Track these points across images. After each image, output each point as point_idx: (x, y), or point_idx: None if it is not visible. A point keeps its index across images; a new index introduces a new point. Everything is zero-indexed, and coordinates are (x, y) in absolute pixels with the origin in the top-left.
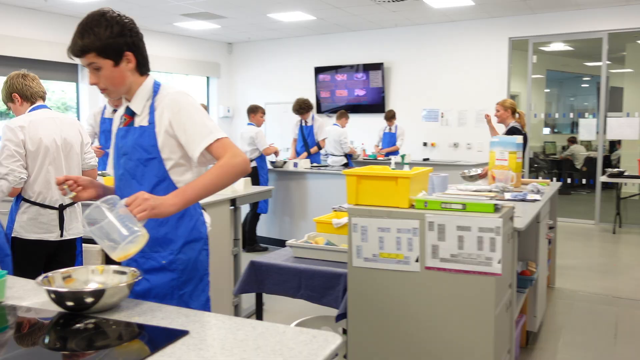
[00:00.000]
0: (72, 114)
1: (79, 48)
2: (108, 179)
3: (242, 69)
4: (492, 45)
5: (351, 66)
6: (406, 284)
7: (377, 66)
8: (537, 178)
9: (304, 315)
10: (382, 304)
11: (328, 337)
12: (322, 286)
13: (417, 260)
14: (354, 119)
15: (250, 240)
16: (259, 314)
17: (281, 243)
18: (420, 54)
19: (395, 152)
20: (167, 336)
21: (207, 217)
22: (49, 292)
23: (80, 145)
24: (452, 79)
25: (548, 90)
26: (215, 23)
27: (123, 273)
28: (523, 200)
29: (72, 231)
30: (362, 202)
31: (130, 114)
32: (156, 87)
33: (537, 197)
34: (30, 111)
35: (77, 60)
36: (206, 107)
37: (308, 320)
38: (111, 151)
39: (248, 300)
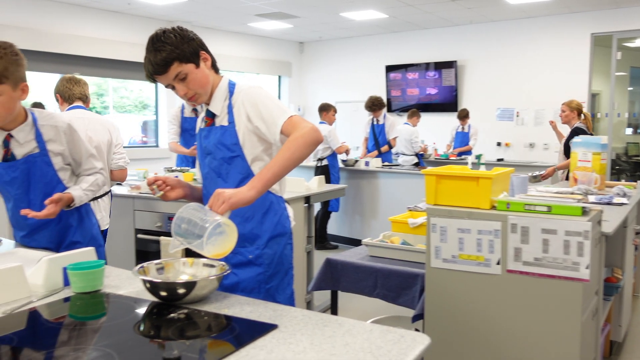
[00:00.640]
0: (150, 112)
1: (161, 62)
2: (187, 175)
3: (313, 68)
4: (572, 41)
5: (423, 64)
6: (486, 287)
7: (450, 64)
8: (618, 181)
9: (375, 314)
10: (461, 307)
11: (416, 338)
12: (398, 286)
13: (498, 263)
14: (425, 118)
15: (320, 238)
16: (334, 311)
17: (351, 241)
18: (495, 52)
19: (468, 152)
20: (257, 329)
21: (290, 211)
22: (145, 281)
23: (108, 145)
24: (529, 77)
25: (632, 89)
26: (287, 23)
27: (212, 266)
28: (608, 203)
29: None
30: (441, 202)
31: (211, 116)
32: (231, 87)
33: (624, 200)
34: (66, 111)
35: (159, 84)
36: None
37: (382, 319)
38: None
39: (319, 297)
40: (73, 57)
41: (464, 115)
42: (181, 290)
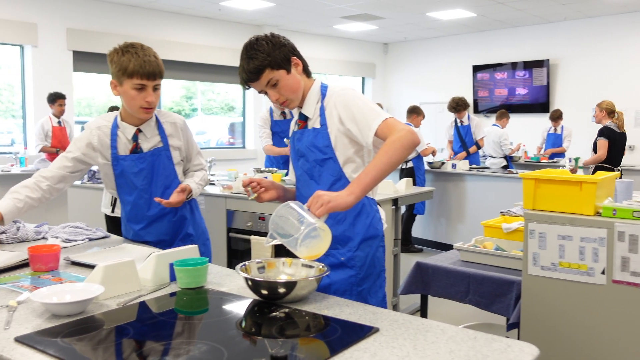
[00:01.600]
0: (236, 114)
1: (253, 70)
2: (275, 176)
3: (397, 69)
4: None
5: (512, 64)
6: (589, 298)
7: (541, 63)
8: None
9: (464, 320)
10: (560, 317)
11: (524, 348)
12: (492, 292)
13: (603, 273)
14: (514, 119)
15: (405, 240)
16: (423, 316)
17: (436, 245)
18: (591, 49)
19: (561, 155)
20: (358, 331)
21: (383, 214)
22: (247, 279)
23: None
24: (629, 76)
25: None
26: (372, 24)
27: (310, 267)
28: None
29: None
30: (540, 207)
31: (304, 118)
32: (323, 90)
33: None
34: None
35: (253, 89)
36: (381, 106)
37: (473, 326)
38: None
39: (404, 301)
40: (165, 62)
41: (557, 116)
42: (282, 290)
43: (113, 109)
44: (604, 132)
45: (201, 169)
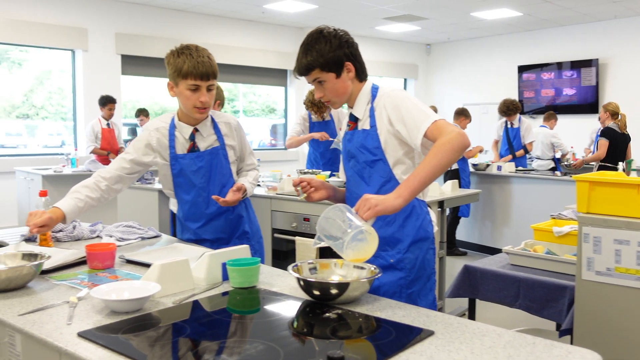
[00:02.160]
0: (276, 116)
1: (304, 67)
2: (320, 177)
3: (440, 69)
4: None
5: (559, 64)
6: None
7: (590, 63)
8: None
9: (512, 324)
10: (616, 324)
11: (586, 355)
12: (543, 297)
13: None
14: (561, 120)
15: (449, 243)
16: (472, 319)
17: (480, 248)
18: None
19: None
20: (413, 334)
21: (433, 216)
22: (299, 280)
23: None
24: None
25: None
26: (415, 25)
27: (362, 268)
28: None
29: None
30: (595, 211)
31: (354, 119)
32: (374, 91)
33: None
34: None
35: (302, 78)
36: (436, 110)
37: (524, 331)
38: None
39: (449, 304)
40: None
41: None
42: (334, 291)
43: (141, 112)
44: (605, 133)
45: (253, 168)
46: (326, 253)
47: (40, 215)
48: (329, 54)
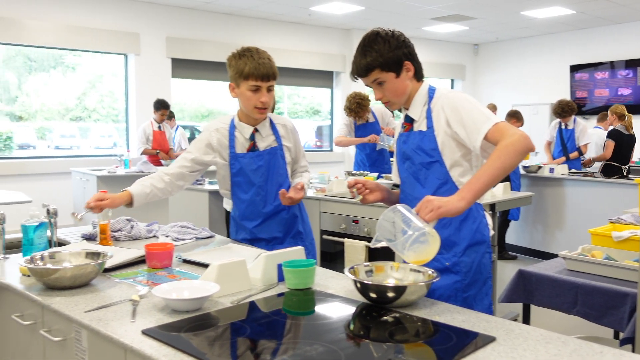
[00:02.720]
0: (320, 118)
1: (363, 67)
2: (368, 179)
3: (488, 70)
4: None
5: (614, 62)
6: None
7: None
8: None
9: (567, 332)
10: None
11: None
12: (603, 304)
13: None
14: None
15: (499, 247)
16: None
17: (531, 252)
18: None
19: None
20: (474, 339)
21: (489, 219)
22: (356, 282)
23: None
24: None
25: None
26: (463, 25)
27: (418, 272)
28: None
29: None
30: None
31: (410, 121)
32: (431, 92)
33: None
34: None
35: (359, 81)
36: (495, 108)
37: (582, 339)
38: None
39: (499, 309)
40: None
41: None
42: (391, 294)
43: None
44: (612, 134)
45: (306, 170)
46: (375, 255)
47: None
48: (388, 54)
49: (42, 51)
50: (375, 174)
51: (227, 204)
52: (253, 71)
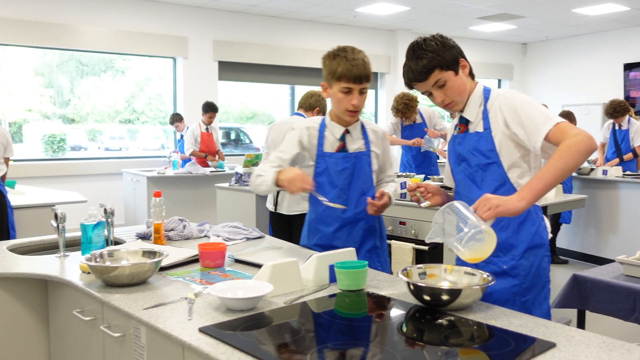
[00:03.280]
0: (365, 118)
1: (422, 70)
2: (414, 181)
3: (537, 69)
4: None
5: None
6: None
7: None
8: None
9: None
10: None
11: None
12: None
13: None
14: None
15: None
16: None
17: (583, 257)
18: None
19: None
20: (532, 345)
21: (547, 222)
22: (409, 284)
23: None
24: None
25: None
26: (511, 24)
27: (473, 275)
28: None
29: (284, 209)
30: None
31: (465, 122)
32: (487, 93)
33: None
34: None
35: (416, 89)
36: (546, 108)
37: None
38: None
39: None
40: (298, 70)
41: None
42: (445, 297)
43: (175, 117)
44: None
45: (392, 180)
46: (422, 258)
47: (301, 175)
48: (444, 53)
49: (94, 56)
50: (422, 176)
51: (270, 203)
52: (345, 73)
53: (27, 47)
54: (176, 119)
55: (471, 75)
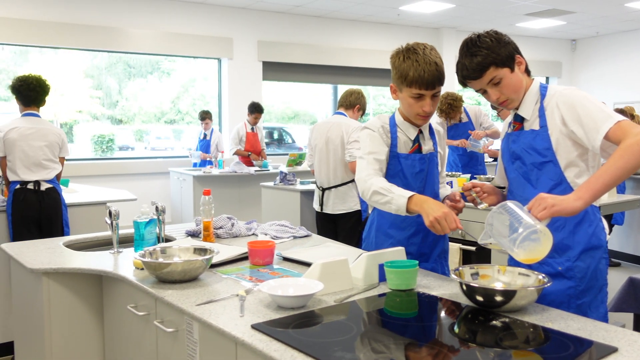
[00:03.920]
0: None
1: (476, 67)
2: (460, 180)
3: (587, 66)
4: None
5: None
6: None
7: None
8: None
9: None
10: None
11: None
12: None
13: None
14: None
15: None
16: None
17: (636, 259)
18: None
19: None
20: (592, 349)
21: (605, 223)
22: (462, 284)
23: (341, 143)
24: None
25: None
26: (560, 20)
27: (527, 276)
28: None
29: (329, 208)
30: None
31: (519, 120)
32: (543, 90)
33: None
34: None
35: (470, 87)
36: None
37: None
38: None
39: None
40: (341, 69)
41: None
42: (499, 298)
43: (206, 114)
44: None
45: (446, 182)
46: (469, 258)
47: (451, 215)
48: (499, 49)
49: (140, 57)
50: (468, 175)
51: (316, 203)
52: (417, 79)
53: (78, 49)
54: (208, 115)
55: (527, 72)
